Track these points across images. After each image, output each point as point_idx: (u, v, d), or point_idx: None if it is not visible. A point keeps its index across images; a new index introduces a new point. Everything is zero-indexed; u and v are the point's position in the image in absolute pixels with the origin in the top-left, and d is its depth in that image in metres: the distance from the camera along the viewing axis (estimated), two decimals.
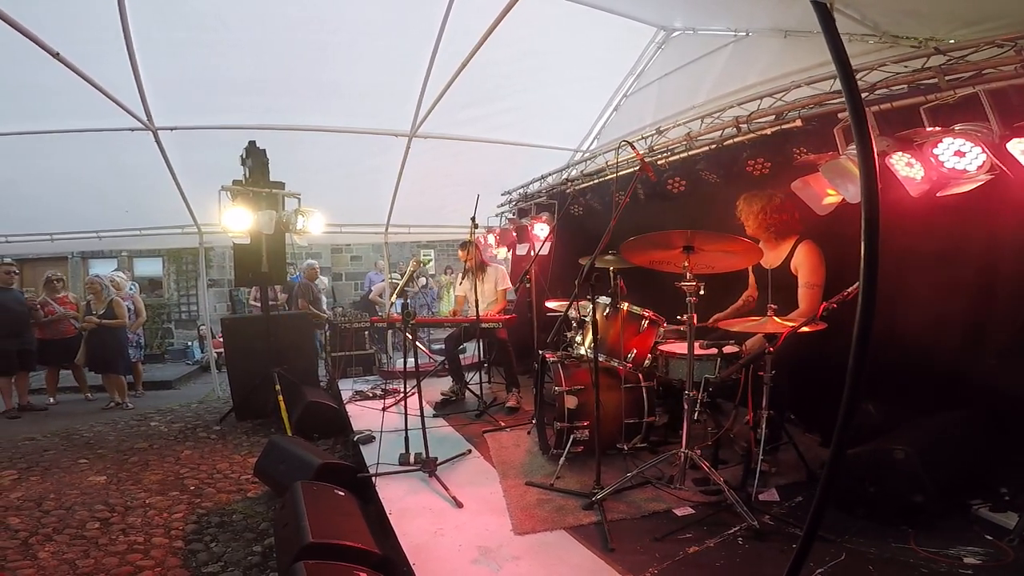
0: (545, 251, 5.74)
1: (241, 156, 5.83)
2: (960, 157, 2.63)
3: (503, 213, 7.65)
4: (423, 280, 12.22)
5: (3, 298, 6.95)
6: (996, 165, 2.51)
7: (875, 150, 0.67)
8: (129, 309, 7.75)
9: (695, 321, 2.94)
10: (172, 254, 13.41)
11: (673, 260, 3.02)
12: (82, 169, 6.37)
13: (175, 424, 6.32)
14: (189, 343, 12.76)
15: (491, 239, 7.00)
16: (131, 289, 8.84)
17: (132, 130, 5.73)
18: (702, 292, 2.94)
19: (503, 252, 7.09)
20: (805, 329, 2.84)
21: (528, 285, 5.46)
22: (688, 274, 2.91)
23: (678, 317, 3.70)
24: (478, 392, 5.35)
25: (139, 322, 8.28)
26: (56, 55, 4.36)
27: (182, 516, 3.80)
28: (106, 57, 4.67)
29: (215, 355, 8.61)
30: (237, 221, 5.54)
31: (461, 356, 5.88)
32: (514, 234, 6.64)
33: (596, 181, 5.54)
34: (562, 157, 7.18)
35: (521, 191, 7.07)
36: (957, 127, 2.66)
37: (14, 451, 5.30)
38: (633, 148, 3.17)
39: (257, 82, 5.51)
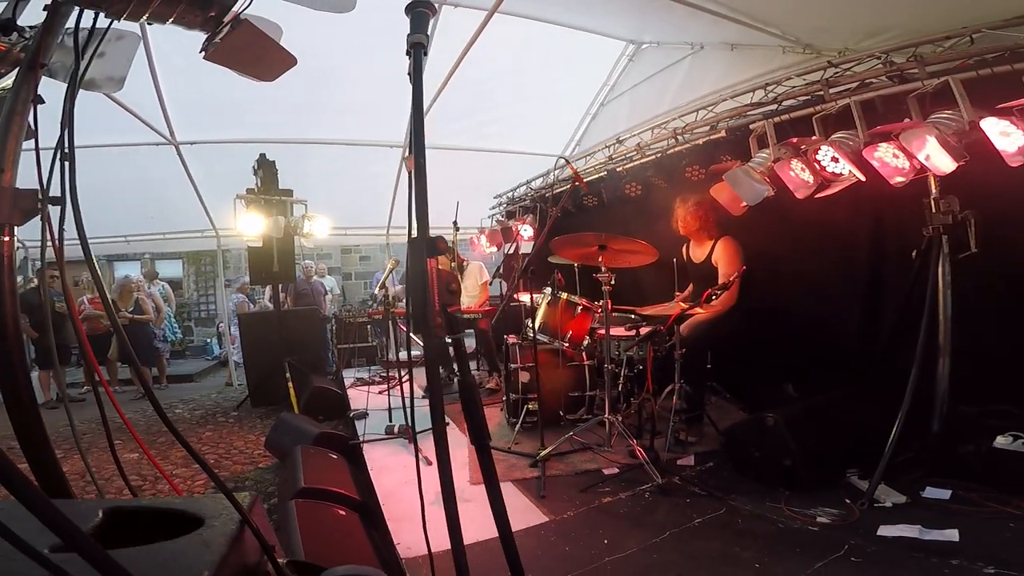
0: (531, 250, 6.25)
1: (253, 167, 6.38)
2: (836, 162, 3.08)
3: (494, 215, 8.21)
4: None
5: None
6: (858, 169, 2.95)
7: (426, 181, 1.09)
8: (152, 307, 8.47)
9: (610, 306, 3.49)
10: (191, 256, 14.04)
11: (592, 257, 3.57)
12: (112, 180, 6.95)
13: (197, 411, 6.89)
14: (208, 340, 13.34)
15: (483, 239, 7.56)
16: (161, 291, 9.65)
17: (157, 145, 6.39)
18: (613, 282, 3.48)
19: (494, 249, 7.65)
20: (721, 311, 3.42)
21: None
22: (603, 268, 3.47)
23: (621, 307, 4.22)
24: None
25: (160, 317, 8.97)
26: None
27: (203, 484, 4.35)
28: (133, 81, 5.26)
29: (232, 350, 9.28)
30: (251, 226, 6.09)
31: None
32: (501, 235, 7.19)
33: (569, 186, 6.04)
34: (549, 162, 7.63)
35: (510, 195, 7.61)
36: (836, 135, 3.10)
37: (56, 435, 5.72)
38: (570, 165, 3.73)
39: (267, 101, 6.04)
